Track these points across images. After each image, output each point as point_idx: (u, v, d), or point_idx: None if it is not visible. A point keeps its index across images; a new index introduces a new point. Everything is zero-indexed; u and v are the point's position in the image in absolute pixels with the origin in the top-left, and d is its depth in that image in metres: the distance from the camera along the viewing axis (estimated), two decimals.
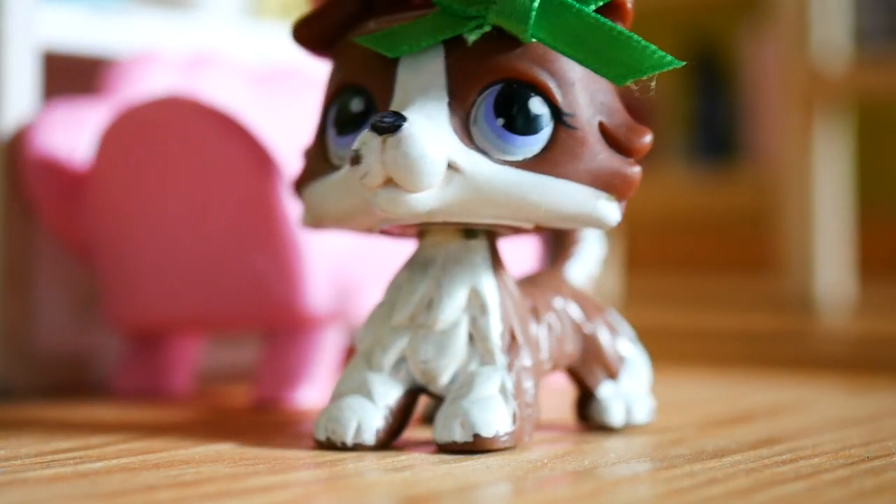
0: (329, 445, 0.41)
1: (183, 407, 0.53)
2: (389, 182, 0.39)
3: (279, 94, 0.62)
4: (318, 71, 0.47)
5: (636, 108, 0.41)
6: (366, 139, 0.39)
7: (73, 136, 0.55)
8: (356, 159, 0.39)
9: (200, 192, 0.51)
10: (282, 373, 0.52)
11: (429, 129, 0.39)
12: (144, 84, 0.57)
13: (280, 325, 0.52)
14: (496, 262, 0.43)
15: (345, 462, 0.39)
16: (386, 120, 0.39)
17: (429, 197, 0.39)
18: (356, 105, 0.42)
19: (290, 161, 0.49)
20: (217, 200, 0.51)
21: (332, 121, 0.43)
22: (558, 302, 0.45)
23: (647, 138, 0.41)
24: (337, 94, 0.43)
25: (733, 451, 0.42)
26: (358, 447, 0.41)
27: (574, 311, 0.46)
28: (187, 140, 0.51)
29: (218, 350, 0.64)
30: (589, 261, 0.49)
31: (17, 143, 0.55)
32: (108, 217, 0.54)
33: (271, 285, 0.50)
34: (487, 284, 0.42)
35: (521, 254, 0.57)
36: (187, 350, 0.57)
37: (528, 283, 0.45)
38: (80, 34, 0.59)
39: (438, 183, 0.39)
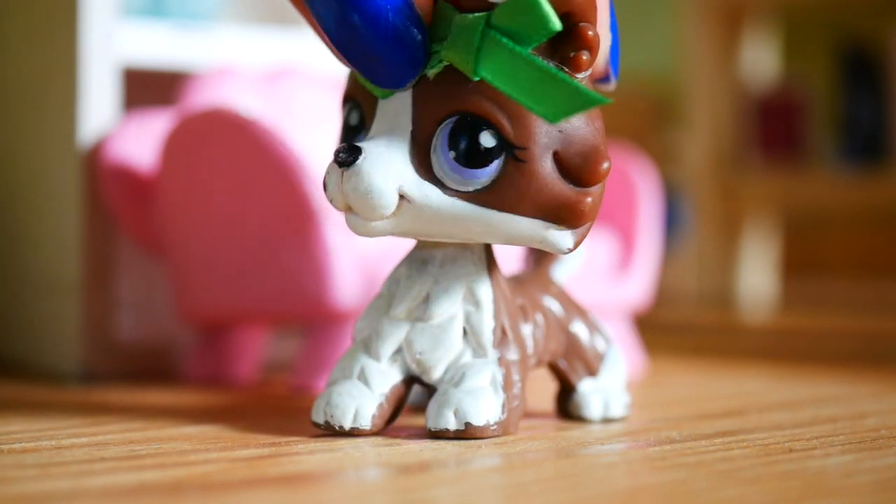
0: (327, 429, 0.44)
1: (230, 394, 0.57)
2: (351, 208, 0.42)
3: None
4: None
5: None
6: (330, 169, 0.42)
7: (146, 145, 0.61)
8: (324, 186, 0.42)
9: (242, 197, 0.56)
10: (314, 363, 0.56)
11: (382, 162, 0.41)
12: (218, 96, 0.62)
13: (312, 319, 0.56)
14: (491, 262, 0.45)
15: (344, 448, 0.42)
16: (341, 155, 0.42)
17: (384, 224, 0.42)
18: (353, 118, 0.45)
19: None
20: (256, 204, 0.56)
21: (341, 127, 0.46)
22: (545, 301, 0.48)
23: (605, 165, 0.42)
24: (344, 102, 0.46)
25: None
26: (355, 432, 0.44)
27: (558, 309, 0.48)
28: (228, 149, 0.56)
29: (286, 341, 0.69)
30: (573, 262, 0.51)
31: (96, 152, 0.61)
32: (171, 219, 0.60)
33: (303, 282, 0.55)
34: (482, 282, 0.44)
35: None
36: (252, 341, 0.62)
37: (517, 282, 0.48)
38: (157, 51, 0.64)
39: (391, 212, 0.42)
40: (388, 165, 0.41)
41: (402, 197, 0.42)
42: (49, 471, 0.38)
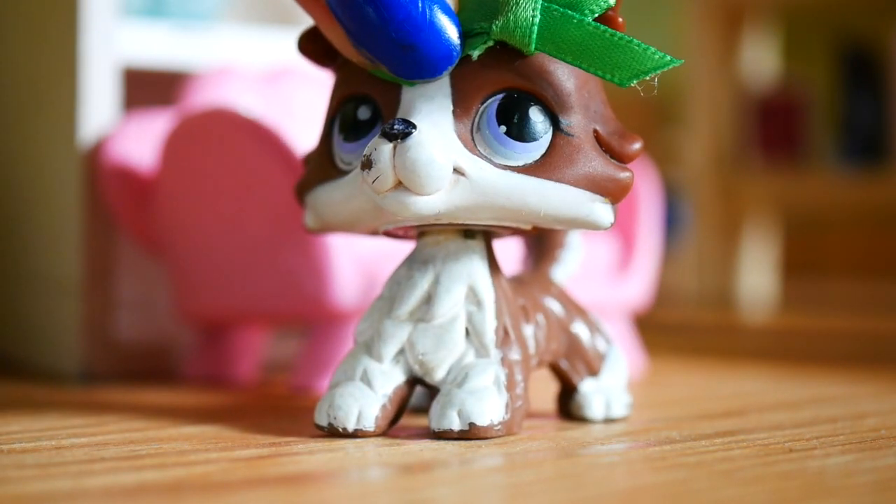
0: (330, 431, 0.44)
1: (230, 394, 0.57)
2: (399, 186, 0.42)
3: None
4: None
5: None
6: (376, 145, 0.42)
7: (146, 145, 0.61)
8: (367, 164, 0.42)
9: (242, 196, 0.56)
10: (314, 363, 0.56)
11: (436, 135, 0.41)
12: (218, 96, 0.62)
13: (312, 319, 0.56)
14: (492, 262, 0.45)
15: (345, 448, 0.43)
16: (397, 127, 0.41)
17: (436, 200, 0.42)
18: (363, 113, 0.45)
19: None
20: (256, 204, 0.56)
21: (338, 128, 0.45)
22: (545, 301, 0.48)
23: (637, 145, 0.44)
24: (343, 103, 0.45)
25: None
26: (359, 433, 0.44)
27: (559, 310, 0.48)
28: (229, 149, 0.56)
29: (286, 341, 0.68)
30: (572, 263, 0.51)
31: (97, 152, 0.61)
32: (171, 219, 0.60)
33: (303, 282, 0.55)
34: (484, 282, 0.44)
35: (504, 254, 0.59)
36: (252, 341, 0.62)
37: (518, 282, 0.48)
38: (157, 51, 0.64)
39: (446, 187, 0.42)
40: (443, 138, 0.42)
41: (455, 171, 0.42)
42: (49, 471, 0.38)
